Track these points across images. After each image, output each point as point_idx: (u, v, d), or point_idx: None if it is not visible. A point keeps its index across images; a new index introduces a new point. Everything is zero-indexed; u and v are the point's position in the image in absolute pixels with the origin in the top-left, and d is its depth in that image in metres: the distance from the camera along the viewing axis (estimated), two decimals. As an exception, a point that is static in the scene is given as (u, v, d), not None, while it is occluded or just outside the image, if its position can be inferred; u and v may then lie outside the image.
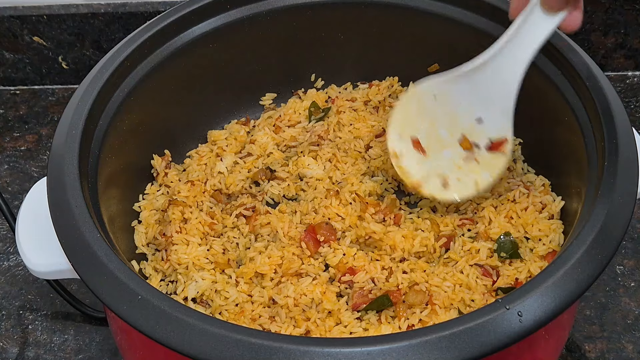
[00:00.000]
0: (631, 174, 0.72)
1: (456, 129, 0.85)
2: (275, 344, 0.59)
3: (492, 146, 0.84)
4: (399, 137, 0.87)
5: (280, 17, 0.99)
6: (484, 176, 0.85)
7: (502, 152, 0.83)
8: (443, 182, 0.86)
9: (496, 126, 0.83)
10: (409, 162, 0.87)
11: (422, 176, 0.87)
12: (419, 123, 0.86)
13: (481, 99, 0.82)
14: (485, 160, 0.85)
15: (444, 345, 0.59)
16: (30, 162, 1.19)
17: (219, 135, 1.01)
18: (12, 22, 1.21)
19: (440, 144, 0.86)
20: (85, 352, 0.93)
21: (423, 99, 0.84)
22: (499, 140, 0.83)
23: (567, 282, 0.63)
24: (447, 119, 0.84)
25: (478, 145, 0.84)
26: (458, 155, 0.86)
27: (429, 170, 0.87)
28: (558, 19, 0.75)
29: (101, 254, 0.67)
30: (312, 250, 0.85)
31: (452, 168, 0.86)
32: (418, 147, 0.86)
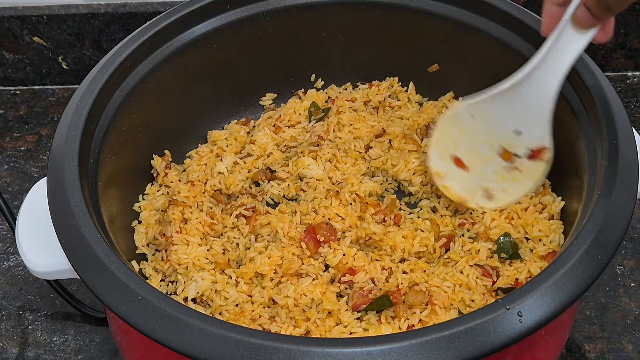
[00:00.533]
0: (631, 174, 0.72)
1: (495, 143, 0.86)
2: (275, 344, 0.59)
3: (532, 154, 0.85)
4: (438, 157, 0.88)
5: (280, 17, 0.99)
6: (527, 183, 0.87)
7: (542, 160, 0.85)
8: (487, 194, 0.88)
9: (535, 136, 0.85)
10: (453, 180, 0.89)
11: (466, 191, 0.88)
12: (458, 142, 0.88)
13: (518, 114, 0.83)
14: (527, 168, 0.87)
15: (444, 345, 0.59)
16: (30, 162, 1.19)
17: (219, 136, 1.01)
18: (12, 22, 1.21)
19: (481, 158, 0.88)
20: (85, 352, 0.93)
21: (461, 120, 0.86)
22: (539, 148, 0.85)
23: (567, 282, 0.63)
24: (485, 135, 0.86)
25: (518, 155, 0.86)
26: (500, 167, 0.87)
27: (472, 185, 0.88)
28: (590, 35, 0.76)
29: (101, 254, 0.67)
30: (312, 250, 0.85)
31: (495, 179, 0.88)
32: (460, 164, 0.88)
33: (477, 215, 0.88)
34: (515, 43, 0.91)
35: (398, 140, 0.96)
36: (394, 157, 0.95)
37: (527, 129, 0.84)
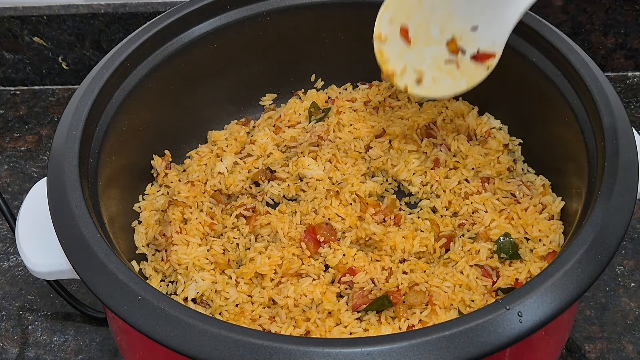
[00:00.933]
0: (631, 174, 0.71)
1: (448, 29, 0.83)
2: (275, 344, 0.59)
3: (477, 56, 0.82)
4: (389, 21, 0.84)
5: (280, 17, 0.99)
6: (460, 82, 0.84)
7: (486, 65, 0.82)
8: (418, 77, 0.84)
9: (490, 38, 0.81)
10: (391, 48, 0.84)
11: (399, 66, 0.84)
12: (413, 12, 0.83)
13: (484, 8, 0.80)
14: (466, 68, 0.83)
15: (444, 346, 0.59)
16: (30, 162, 1.19)
17: (219, 136, 1.01)
18: (12, 22, 1.21)
19: (428, 39, 0.83)
20: (85, 352, 0.93)
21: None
22: (487, 52, 0.82)
23: (567, 282, 0.63)
24: (442, 17, 0.82)
25: (464, 51, 0.83)
26: (441, 55, 0.83)
27: (407, 62, 0.84)
28: None
29: (101, 254, 0.67)
30: (312, 250, 0.85)
31: (431, 66, 0.84)
32: (405, 36, 0.84)
33: (477, 216, 0.88)
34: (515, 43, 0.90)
35: (398, 141, 0.96)
36: (394, 157, 0.95)
37: (484, 28, 0.81)
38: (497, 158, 0.94)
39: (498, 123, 0.98)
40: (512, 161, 0.95)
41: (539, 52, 0.88)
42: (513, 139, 0.97)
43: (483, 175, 0.92)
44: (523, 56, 0.89)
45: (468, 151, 0.94)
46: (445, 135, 0.97)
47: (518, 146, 0.96)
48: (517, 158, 0.96)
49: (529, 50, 0.89)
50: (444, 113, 1.00)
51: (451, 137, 0.96)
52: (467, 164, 0.93)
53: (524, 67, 0.89)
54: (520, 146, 0.96)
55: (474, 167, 0.93)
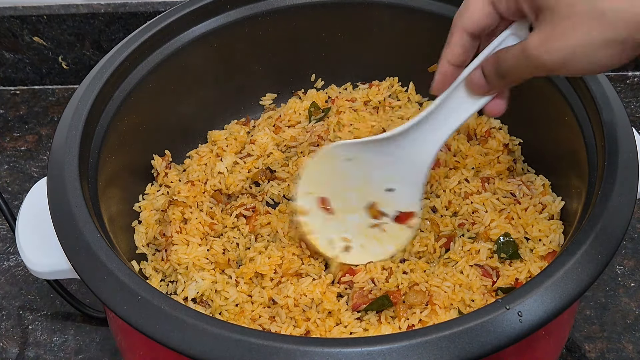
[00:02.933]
0: (631, 174, 0.71)
1: (366, 195, 0.83)
2: (275, 344, 0.59)
3: (399, 218, 0.83)
4: (306, 194, 0.84)
5: (280, 17, 0.99)
6: (387, 247, 0.84)
7: (408, 226, 0.83)
8: (345, 246, 0.84)
9: (406, 199, 0.82)
10: (315, 220, 0.84)
11: (326, 237, 0.84)
12: (329, 183, 0.83)
13: (394, 170, 0.80)
14: (391, 231, 0.84)
15: (444, 345, 0.59)
16: (30, 162, 1.19)
17: (219, 135, 1.01)
18: (12, 22, 1.21)
19: (348, 207, 0.84)
20: (85, 352, 0.93)
21: (337, 160, 0.82)
22: (407, 212, 0.83)
23: (567, 282, 0.63)
24: (358, 183, 0.82)
25: (386, 215, 0.83)
26: (364, 222, 0.84)
27: (332, 232, 0.84)
28: (481, 103, 0.73)
29: (101, 254, 0.67)
30: (312, 250, 0.85)
31: (356, 233, 0.84)
32: (325, 206, 0.84)
33: (477, 216, 0.88)
34: (515, 43, 0.91)
35: (398, 140, 0.96)
36: (394, 157, 0.95)
37: (399, 189, 0.82)
38: (497, 158, 0.94)
39: (498, 123, 0.98)
40: (512, 161, 0.95)
41: (539, 52, 0.88)
42: (513, 138, 0.97)
43: (483, 175, 0.92)
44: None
45: (468, 151, 0.94)
46: (445, 135, 0.97)
47: (518, 146, 0.96)
48: (517, 158, 0.96)
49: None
50: (444, 113, 1.00)
51: (451, 136, 0.96)
52: (467, 163, 0.93)
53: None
54: (520, 146, 0.96)
55: (474, 167, 0.93)
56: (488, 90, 0.71)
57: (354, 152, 0.81)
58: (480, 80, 0.71)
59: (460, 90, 0.73)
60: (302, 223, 0.84)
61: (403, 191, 0.82)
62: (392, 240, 0.84)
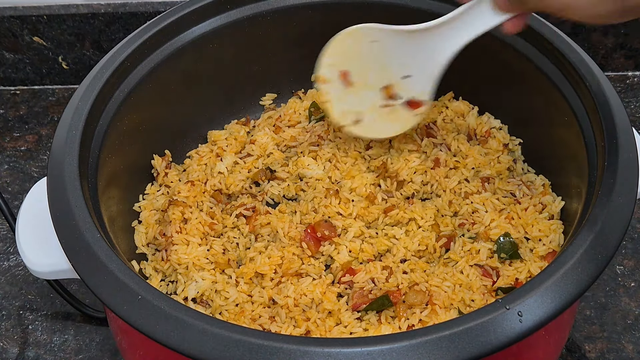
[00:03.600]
0: (631, 174, 0.72)
1: (384, 77, 0.88)
2: (275, 344, 0.59)
3: (410, 103, 0.88)
4: (329, 65, 0.89)
5: (280, 17, 0.99)
6: (394, 126, 0.90)
7: (416, 112, 0.88)
8: (357, 118, 0.90)
9: (420, 87, 0.87)
10: (333, 89, 0.89)
11: (340, 107, 0.90)
12: (351, 59, 0.88)
13: (414, 60, 0.86)
14: (400, 113, 0.89)
15: (444, 345, 0.59)
16: (30, 162, 1.19)
17: (219, 135, 1.01)
18: (12, 22, 1.21)
19: (365, 84, 0.89)
20: (85, 352, 0.93)
21: (362, 40, 0.87)
22: (418, 100, 0.87)
23: (567, 282, 0.63)
24: (378, 66, 0.88)
25: (399, 97, 0.88)
26: (378, 99, 0.89)
27: (347, 103, 0.90)
28: (502, 18, 0.78)
29: (101, 254, 0.67)
30: (312, 250, 0.85)
31: (369, 108, 0.89)
32: (345, 79, 0.89)
33: (478, 216, 0.88)
34: (515, 43, 0.91)
35: (398, 140, 0.96)
36: (394, 156, 0.95)
37: (415, 77, 0.87)
38: (497, 158, 0.94)
39: (498, 123, 0.98)
40: (512, 161, 0.95)
41: (539, 51, 0.88)
42: (513, 138, 0.97)
43: (483, 175, 0.92)
44: (523, 56, 0.89)
45: (468, 151, 0.94)
46: (445, 135, 0.97)
47: (518, 146, 0.96)
48: (517, 158, 0.96)
49: (529, 49, 0.89)
50: (444, 113, 1.00)
51: (451, 136, 0.96)
52: (467, 163, 0.93)
53: (524, 67, 0.89)
54: (520, 146, 0.96)
55: (474, 167, 0.93)
56: (509, 9, 0.77)
57: (381, 36, 0.86)
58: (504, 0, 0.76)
59: (485, 3, 0.79)
60: (321, 90, 0.89)
61: (418, 80, 0.87)
62: (399, 122, 0.90)
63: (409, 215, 0.88)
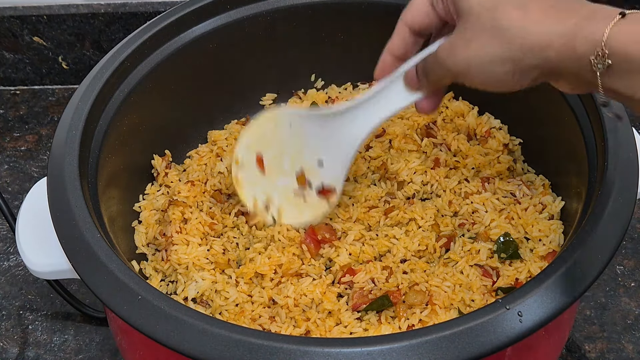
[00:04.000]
0: (631, 174, 0.72)
1: (298, 162, 0.87)
2: (275, 344, 0.59)
3: (321, 191, 0.87)
4: (246, 147, 0.87)
5: (280, 17, 0.99)
6: (305, 215, 0.88)
7: (327, 200, 0.87)
8: (267, 204, 0.88)
9: (332, 174, 0.86)
10: (247, 174, 0.88)
11: (252, 192, 0.88)
12: (269, 143, 0.87)
13: (327, 145, 0.85)
14: (311, 201, 0.87)
15: (444, 345, 0.59)
16: (30, 162, 1.19)
17: (219, 135, 1.01)
18: (12, 22, 1.21)
19: (280, 170, 0.88)
20: (85, 352, 0.93)
21: (280, 124, 0.86)
22: (329, 188, 0.86)
23: (567, 282, 0.63)
24: (294, 150, 0.87)
25: (311, 186, 0.87)
26: (291, 187, 0.88)
27: (260, 189, 0.88)
28: (414, 98, 0.77)
29: (101, 254, 0.67)
30: (312, 252, 0.85)
31: (280, 196, 0.88)
32: (260, 164, 0.87)
33: (478, 216, 0.88)
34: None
35: (398, 140, 0.96)
36: (394, 156, 0.95)
37: (328, 164, 0.86)
38: (497, 158, 0.94)
39: (498, 123, 0.98)
40: (512, 161, 0.95)
41: (539, 52, 0.88)
42: (513, 138, 0.97)
43: (483, 175, 0.92)
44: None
45: (468, 151, 0.94)
46: (445, 135, 0.97)
47: (518, 146, 0.96)
48: (517, 158, 0.96)
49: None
50: (444, 113, 1.00)
51: (451, 136, 0.96)
52: (467, 163, 0.93)
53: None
54: (520, 146, 0.96)
55: (474, 166, 0.93)
56: (419, 87, 0.75)
57: (296, 120, 0.85)
58: (413, 76, 0.75)
59: (398, 83, 0.77)
60: (234, 173, 0.88)
61: (330, 166, 0.86)
62: (309, 211, 0.88)
63: (409, 216, 0.88)
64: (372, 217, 0.89)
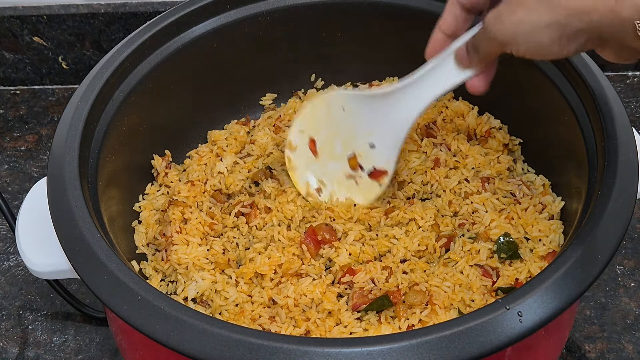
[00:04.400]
0: (631, 174, 0.72)
1: (350, 146, 0.88)
2: (275, 344, 0.59)
3: (373, 173, 0.87)
4: (299, 132, 0.89)
5: (280, 17, 0.99)
6: (357, 197, 0.89)
7: (379, 183, 0.87)
8: (318, 188, 0.90)
9: (383, 156, 0.86)
10: (300, 158, 0.89)
11: (305, 175, 0.90)
12: (321, 127, 0.88)
13: (378, 126, 0.85)
14: (363, 184, 0.88)
15: (444, 345, 0.59)
16: (30, 162, 1.19)
17: (219, 135, 1.01)
18: (12, 22, 1.21)
19: (332, 154, 0.89)
20: (85, 352, 0.93)
21: (333, 107, 0.87)
22: (381, 170, 0.87)
23: (567, 282, 0.63)
24: (346, 134, 0.88)
25: (363, 168, 0.88)
26: (343, 170, 0.89)
27: (312, 172, 0.89)
28: (466, 76, 0.77)
29: (101, 254, 0.67)
30: (312, 253, 0.85)
31: (332, 179, 0.89)
32: (313, 148, 0.89)
33: (477, 216, 0.88)
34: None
35: (398, 140, 0.96)
36: (394, 157, 0.95)
37: (380, 146, 0.86)
38: (497, 158, 0.94)
39: (498, 123, 0.98)
40: (512, 161, 0.95)
41: (539, 52, 0.88)
42: (513, 138, 0.97)
43: (483, 175, 0.92)
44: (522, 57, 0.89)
45: (468, 151, 0.94)
46: (445, 135, 0.97)
47: (518, 146, 0.96)
48: (517, 158, 0.96)
49: (529, 50, 0.89)
50: (444, 113, 1.00)
51: (451, 136, 0.96)
52: (467, 163, 0.93)
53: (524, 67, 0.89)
54: (520, 146, 0.96)
55: (474, 167, 0.93)
56: (469, 64, 0.75)
57: (349, 103, 0.86)
58: (464, 53, 0.75)
59: (449, 61, 0.77)
60: (288, 157, 0.89)
61: (382, 148, 0.86)
62: (361, 194, 0.89)
63: (409, 216, 0.88)
64: (372, 217, 0.89)
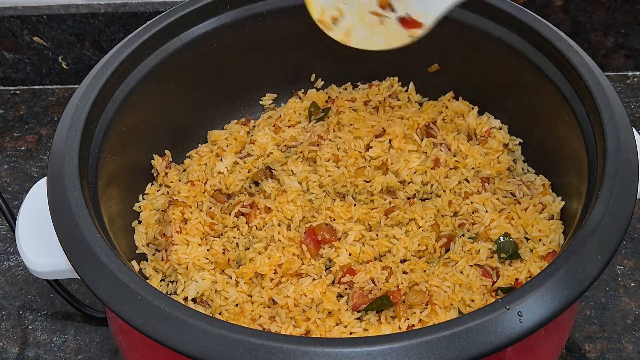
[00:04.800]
0: (631, 174, 0.72)
1: None
2: (275, 344, 0.59)
3: (405, 20, 0.76)
4: None
5: (280, 17, 0.99)
6: (377, 39, 0.78)
7: (410, 33, 0.76)
8: (335, 17, 0.79)
9: (423, 6, 0.75)
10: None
11: (322, 2, 0.79)
12: None
13: None
14: (389, 28, 0.77)
15: (444, 345, 0.59)
16: (30, 162, 1.19)
17: (219, 135, 1.01)
18: (12, 22, 1.21)
19: None
20: (85, 352, 0.93)
21: None
22: (415, 20, 0.76)
23: (567, 282, 0.63)
24: None
25: (394, 10, 0.76)
26: (369, 7, 0.77)
27: (334, 2, 0.78)
28: None
29: (101, 254, 0.67)
30: (312, 252, 0.85)
31: (354, 13, 0.78)
32: None
33: (478, 216, 0.88)
34: (515, 43, 0.91)
35: (398, 140, 0.96)
36: (394, 157, 0.95)
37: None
38: (497, 158, 0.94)
39: (498, 123, 0.98)
40: (512, 161, 0.95)
41: (539, 51, 0.88)
42: (513, 138, 0.97)
43: (483, 175, 0.92)
44: (523, 56, 0.89)
45: (468, 151, 0.94)
46: (445, 135, 0.97)
47: (518, 146, 0.96)
48: (517, 158, 0.96)
49: (529, 50, 0.89)
50: (444, 113, 1.00)
51: (451, 136, 0.96)
52: (467, 163, 0.93)
53: (524, 67, 0.89)
54: (520, 146, 0.96)
55: (474, 167, 0.93)
56: None
57: None
58: None
59: None
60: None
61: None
62: (384, 37, 0.78)
63: (409, 216, 0.88)
64: (372, 217, 0.89)
